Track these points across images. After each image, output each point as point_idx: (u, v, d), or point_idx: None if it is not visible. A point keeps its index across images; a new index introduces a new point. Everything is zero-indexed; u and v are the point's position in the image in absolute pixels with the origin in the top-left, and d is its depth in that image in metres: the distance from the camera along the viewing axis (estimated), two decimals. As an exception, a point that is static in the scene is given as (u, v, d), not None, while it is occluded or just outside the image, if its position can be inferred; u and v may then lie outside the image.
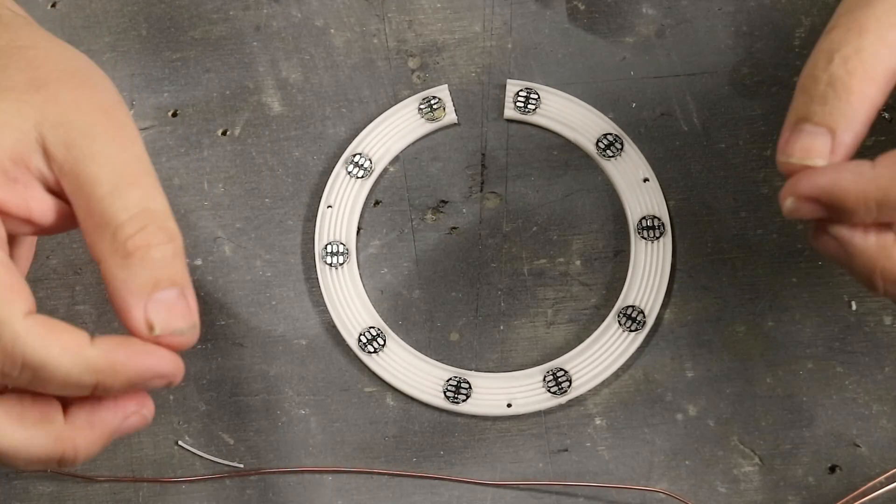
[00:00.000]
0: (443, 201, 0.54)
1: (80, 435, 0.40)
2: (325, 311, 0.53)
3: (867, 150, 0.52)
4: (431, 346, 0.53)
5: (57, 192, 0.41)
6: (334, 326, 0.53)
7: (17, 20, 0.44)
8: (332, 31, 0.56)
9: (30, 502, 0.52)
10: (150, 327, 0.39)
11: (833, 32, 0.40)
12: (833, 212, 0.39)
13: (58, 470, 0.41)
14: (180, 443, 0.52)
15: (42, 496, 0.52)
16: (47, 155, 0.40)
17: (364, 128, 0.54)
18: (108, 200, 0.39)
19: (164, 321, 0.39)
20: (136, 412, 0.41)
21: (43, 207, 0.41)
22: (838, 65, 0.39)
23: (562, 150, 0.54)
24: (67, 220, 0.42)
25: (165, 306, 0.39)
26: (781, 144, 0.40)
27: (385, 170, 0.55)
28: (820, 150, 0.39)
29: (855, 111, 0.39)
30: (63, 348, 0.38)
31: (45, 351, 0.38)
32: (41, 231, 0.42)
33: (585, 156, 0.54)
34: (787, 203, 0.40)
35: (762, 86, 0.54)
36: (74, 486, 0.52)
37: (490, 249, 0.53)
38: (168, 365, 0.40)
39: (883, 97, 0.40)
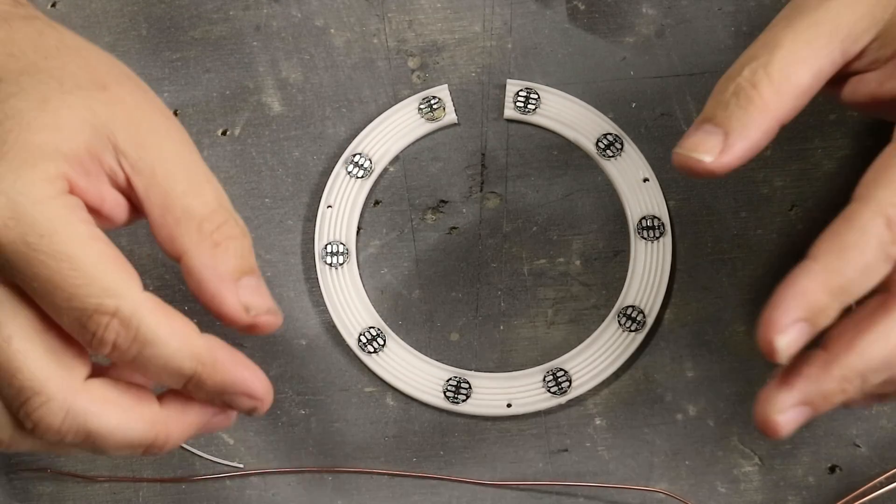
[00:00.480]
0: (443, 201, 0.54)
1: (174, 421, 0.41)
2: (325, 311, 0.53)
3: (867, 150, 0.52)
4: (431, 346, 0.53)
5: (123, 190, 0.42)
6: (334, 326, 0.53)
7: (56, 23, 0.45)
8: (332, 31, 0.56)
9: (30, 502, 0.52)
10: (247, 308, 0.41)
11: (753, 45, 0.42)
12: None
13: (144, 455, 0.43)
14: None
15: (42, 496, 0.52)
16: (118, 152, 0.41)
17: (364, 128, 0.54)
18: (189, 196, 0.41)
19: (258, 302, 0.41)
20: (223, 411, 0.43)
21: (113, 202, 0.42)
22: (746, 77, 0.41)
23: (562, 150, 0.54)
24: (131, 216, 0.43)
25: (253, 290, 0.41)
26: (682, 140, 0.42)
27: (385, 170, 0.55)
28: (709, 148, 0.41)
29: (752, 120, 0.41)
30: (175, 330, 0.40)
31: (158, 328, 0.39)
32: (105, 226, 0.43)
33: (585, 156, 0.54)
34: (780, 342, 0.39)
35: (762, 86, 0.54)
36: (74, 486, 0.52)
37: (490, 249, 0.53)
38: (261, 386, 0.41)
39: (790, 110, 0.41)
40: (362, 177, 0.54)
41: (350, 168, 0.54)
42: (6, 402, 0.40)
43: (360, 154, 0.54)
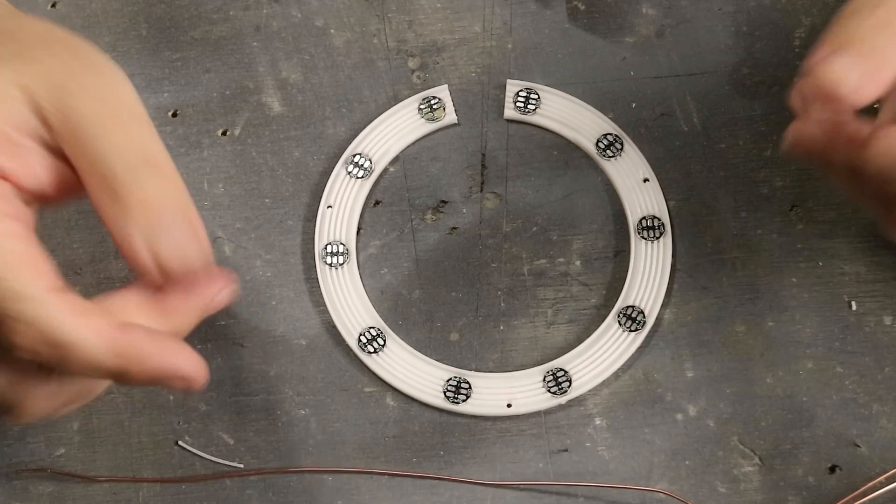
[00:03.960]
0: (443, 201, 0.54)
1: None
2: (325, 311, 0.53)
3: (867, 150, 0.52)
4: (431, 346, 0.53)
5: (60, 154, 0.40)
6: (334, 326, 0.53)
7: (2, 7, 0.44)
8: (332, 31, 0.56)
9: (30, 502, 0.52)
10: (157, 261, 0.39)
11: None
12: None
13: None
14: (180, 443, 0.52)
15: (42, 496, 0.52)
16: (42, 117, 0.40)
17: (364, 128, 0.54)
18: (106, 155, 0.39)
19: (174, 250, 0.39)
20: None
21: (50, 172, 0.40)
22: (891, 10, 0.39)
23: (562, 150, 0.54)
24: (72, 185, 0.41)
25: (174, 236, 0.39)
26: (813, 63, 0.39)
27: (385, 170, 0.55)
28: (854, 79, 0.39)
29: None
30: (91, 328, 0.37)
31: (72, 330, 0.37)
32: (50, 199, 0.41)
33: (585, 156, 0.54)
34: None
35: (762, 86, 0.54)
36: (74, 486, 0.52)
37: (490, 249, 0.53)
38: (191, 367, 0.40)
39: None
40: (362, 177, 0.54)
41: (350, 168, 0.54)
42: None
43: (360, 154, 0.54)
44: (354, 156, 0.54)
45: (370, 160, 0.54)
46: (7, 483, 0.52)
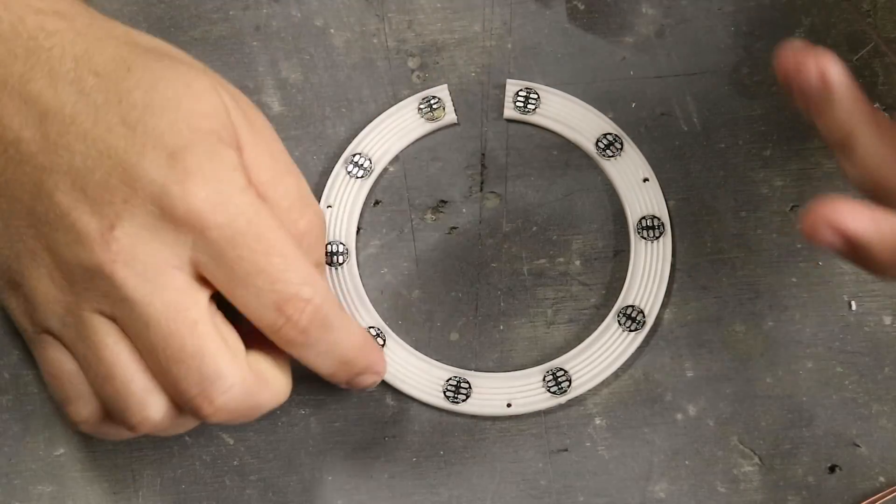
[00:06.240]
0: (443, 201, 0.54)
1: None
2: (325, 310, 0.53)
3: (867, 149, 0.52)
4: (431, 345, 0.53)
5: None
6: (334, 326, 0.53)
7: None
8: (332, 31, 0.56)
9: (30, 502, 0.52)
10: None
11: None
12: (854, 254, 0.39)
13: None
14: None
15: (42, 496, 0.52)
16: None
17: (364, 128, 0.54)
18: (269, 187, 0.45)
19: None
20: None
21: None
22: None
23: (562, 150, 0.54)
24: None
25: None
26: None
27: (385, 170, 0.55)
28: None
29: None
30: (350, 322, 0.46)
31: (340, 319, 0.45)
32: None
33: (585, 156, 0.54)
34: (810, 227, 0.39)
35: (762, 86, 0.54)
36: (74, 486, 0.52)
37: (490, 249, 0.53)
38: (384, 364, 0.49)
39: None
40: (362, 177, 0.54)
41: (350, 168, 0.54)
42: (176, 385, 0.41)
43: (360, 154, 0.54)
44: (354, 155, 0.54)
45: (370, 160, 0.54)
46: (7, 483, 0.52)
